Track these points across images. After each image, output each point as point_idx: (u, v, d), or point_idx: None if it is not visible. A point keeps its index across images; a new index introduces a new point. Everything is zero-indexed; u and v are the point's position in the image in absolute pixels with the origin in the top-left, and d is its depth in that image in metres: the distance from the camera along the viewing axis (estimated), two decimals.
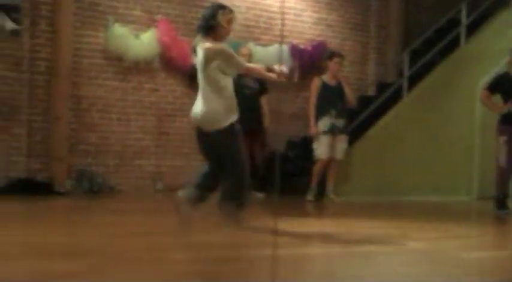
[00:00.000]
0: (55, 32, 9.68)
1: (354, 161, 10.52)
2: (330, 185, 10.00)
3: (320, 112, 9.93)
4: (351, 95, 10.19)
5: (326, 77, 10.14)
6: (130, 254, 5.04)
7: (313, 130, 9.97)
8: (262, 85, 10.34)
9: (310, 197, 9.85)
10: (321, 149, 9.92)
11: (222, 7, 6.52)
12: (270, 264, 4.03)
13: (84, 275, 4.25)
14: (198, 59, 6.37)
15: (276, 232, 4.30)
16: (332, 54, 10.37)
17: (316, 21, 12.03)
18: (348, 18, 12.43)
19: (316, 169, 9.94)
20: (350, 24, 12.48)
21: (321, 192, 9.98)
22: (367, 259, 5.21)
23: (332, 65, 10.11)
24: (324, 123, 9.91)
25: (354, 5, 12.47)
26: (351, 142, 10.55)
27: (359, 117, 11.02)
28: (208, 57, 6.26)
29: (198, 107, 6.39)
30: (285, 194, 9.18)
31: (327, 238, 6.64)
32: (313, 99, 10.01)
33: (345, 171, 10.33)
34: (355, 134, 10.73)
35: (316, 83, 10.11)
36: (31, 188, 9.21)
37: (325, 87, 10.03)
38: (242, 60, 6.64)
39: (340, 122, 9.98)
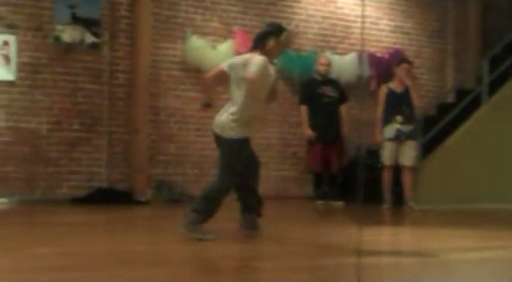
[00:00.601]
0: (134, 45, 9.80)
1: (432, 168, 10.35)
2: (408, 193, 9.86)
3: (386, 119, 9.86)
4: (417, 102, 9.99)
5: (393, 84, 10.05)
6: (214, 263, 5.06)
7: (378, 138, 9.89)
8: (342, 93, 10.34)
9: (386, 204, 9.76)
10: (385, 155, 9.86)
11: (275, 33, 6.53)
12: (356, 272, 3.98)
13: None
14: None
15: (360, 240, 4.25)
16: (400, 61, 10.32)
17: (393, 29, 11.94)
18: (425, 25, 12.29)
19: (384, 176, 9.85)
20: (427, 31, 12.34)
21: (398, 200, 9.85)
22: (452, 268, 5.13)
23: (399, 71, 10.02)
24: (390, 130, 9.83)
25: (431, 11, 12.32)
26: (430, 149, 10.42)
27: (438, 124, 10.84)
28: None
29: None
30: (364, 202, 9.09)
31: (409, 246, 6.56)
32: (380, 107, 9.95)
33: (424, 178, 10.18)
34: (434, 141, 10.57)
35: (383, 91, 10.05)
36: (112, 197, 9.32)
37: (391, 94, 9.95)
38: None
39: (407, 128, 9.84)
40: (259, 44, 6.43)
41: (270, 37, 6.44)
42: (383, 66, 11.40)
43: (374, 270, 4.78)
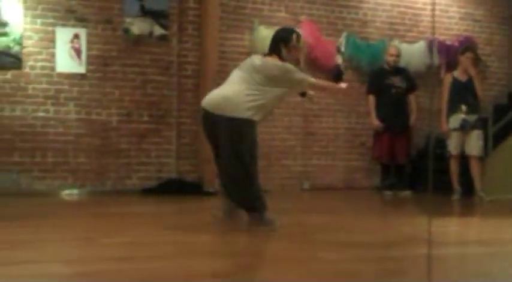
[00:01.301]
0: (202, 36, 9.85)
1: (503, 158, 10.13)
2: (477, 184, 9.70)
3: (451, 109, 9.71)
4: (480, 92, 9.81)
5: (457, 73, 9.88)
6: (281, 253, 5.07)
7: (444, 127, 9.75)
8: (411, 83, 10.25)
9: (455, 195, 9.63)
10: (451, 145, 9.72)
11: (284, 40, 6.40)
12: (426, 263, 3.92)
13: (235, 274, 4.29)
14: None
15: (430, 231, 4.20)
16: (465, 49, 10.11)
17: (462, 16, 11.76)
18: (495, 12, 12.07)
19: (451, 166, 9.73)
20: (498, 19, 12.12)
21: (468, 190, 9.71)
22: None
23: (463, 59, 9.84)
24: (454, 119, 9.68)
25: None
26: (500, 138, 10.23)
27: (509, 113, 10.63)
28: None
29: None
30: (433, 192, 8.98)
31: (479, 237, 6.46)
32: (445, 96, 9.78)
33: (495, 168, 9.99)
34: (504, 130, 10.37)
35: (447, 80, 9.89)
36: (181, 188, 9.41)
37: (455, 83, 9.78)
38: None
39: (472, 118, 9.67)
40: (273, 50, 6.42)
41: (281, 46, 6.37)
42: (452, 54, 11.21)
43: (443, 261, 4.73)
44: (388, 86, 10.18)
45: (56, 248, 5.19)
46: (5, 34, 8.96)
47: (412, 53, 10.98)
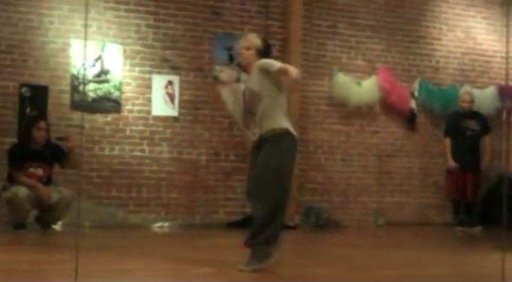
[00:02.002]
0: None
1: None
2: None
3: None
4: None
5: None
6: None
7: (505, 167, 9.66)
8: (485, 126, 10.09)
9: None
10: None
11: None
12: None
13: None
14: None
15: (504, 267, 4.06)
16: None
17: None
18: None
19: None
20: None
21: None
22: None
23: None
24: None
25: None
26: None
27: None
28: None
29: None
30: (508, 228, 8.76)
31: None
32: (511, 138, 9.61)
33: None
34: None
35: None
36: None
37: None
38: None
39: None
40: None
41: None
42: None
43: None
44: (464, 129, 10.02)
45: (149, 277, 5.20)
46: (106, 81, 9.15)
47: (483, 97, 10.79)
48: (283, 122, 5.39)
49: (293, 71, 5.05)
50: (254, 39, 5.62)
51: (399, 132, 10.66)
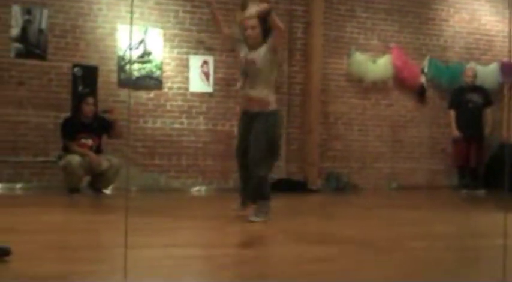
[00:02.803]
0: (307, 61, 9.85)
1: None
2: None
3: None
4: None
5: None
6: (376, 242, 4.99)
7: (506, 136, 9.74)
8: (487, 99, 10.04)
9: None
10: None
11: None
12: (502, 253, 3.80)
13: (335, 259, 4.25)
14: None
15: (506, 224, 4.06)
16: None
17: None
18: None
19: None
20: None
21: None
22: None
23: None
24: None
25: None
26: None
27: None
28: None
29: None
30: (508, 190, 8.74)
31: None
32: (511, 110, 9.57)
33: None
34: None
35: None
36: (289, 186, 9.39)
37: None
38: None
39: None
40: None
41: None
42: None
43: None
44: (467, 101, 9.97)
45: (189, 235, 5.28)
46: (149, 61, 9.19)
47: (486, 73, 10.68)
48: (270, 96, 5.87)
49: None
50: (255, 17, 5.82)
51: (410, 105, 10.60)
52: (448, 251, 4.71)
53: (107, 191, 8.26)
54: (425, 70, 10.56)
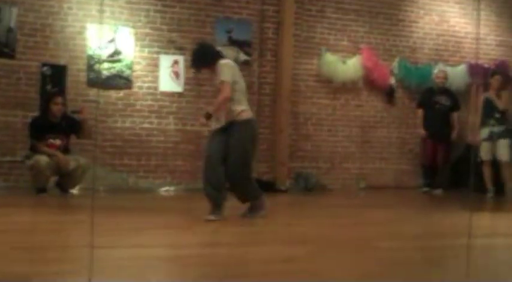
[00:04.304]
0: (278, 61, 9.89)
1: None
2: (507, 184, 9.58)
3: (482, 122, 9.70)
4: (506, 105, 9.82)
5: (489, 93, 9.84)
6: (343, 242, 5.04)
7: (471, 138, 9.86)
8: (455, 102, 10.21)
9: (489, 194, 9.49)
10: (482, 152, 9.63)
11: None
12: (466, 252, 3.86)
13: (302, 259, 4.28)
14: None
15: (471, 224, 4.13)
16: (493, 73, 10.18)
17: (499, 43, 11.48)
18: None
19: (484, 170, 9.65)
20: None
21: (500, 191, 9.55)
22: None
23: (492, 81, 9.86)
24: (484, 131, 9.65)
25: None
26: None
27: None
28: None
29: None
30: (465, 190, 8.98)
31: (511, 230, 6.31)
32: (478, 112, 9.78)
33: None
34: None
35: (480, 99, 9.91)
36: (258, 186, 9.37)
37: (487, 101, 9.76)
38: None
39: (499, 129, 9.62)
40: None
41: None
42: (488, 76, 11.00)
43: (481, 250, 4.63)
44: (434, 102, 10.12)
45: (156, 235, 5.28)
46: (119, 60, 9.15)
47: (455, 74, 10.81)
48: (241, 110, 6.10)
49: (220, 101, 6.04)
50: None
51: (380, 106, 10.68)
52: (414, 250, 4.77)
53: (74, 191, 8.22)
54: (395, 71, 10.66)
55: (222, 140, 6.06)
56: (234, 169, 6.02)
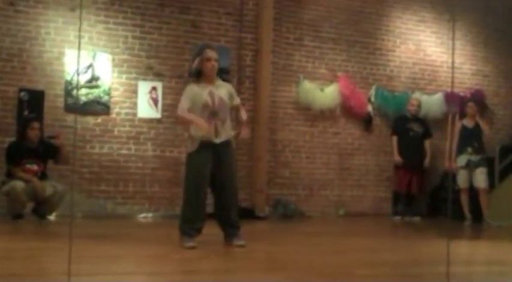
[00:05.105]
0: (256, 89, 9.91)
1: (508, 190, 9.98)
2: (485, 212, 9.61)
3: (459, 150, 9.75)
4: (487, 132, 9.95)
5: (466, 121, 9.94)
6: (323, 269, 5.00)
7: (448, 165, 9.87)
8: (427, 130, 10.36)
9: (467, 221, 9.54)
10: (460, 180, 9.70)
11: (199, 54, 6.06)
12: (445, 280, 3.85)
13: None
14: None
15: (448, 251, 4.12)
16: (468, 100, 10.31)
17: (474, 72, 11.63)
18: (501, 68, 11.90)
19: (461, 197, 9.71)
20: (504, 74, 11.93)
21: (477, 218, 9.58)
22: None
23: (467, 109, 9.96)
24: (462, 159, 9.71)
25: (508, 56, 11.89)
26: (506, 173, 10.17)
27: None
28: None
29: None
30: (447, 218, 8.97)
31: (489, 258, 6.31)
32: (455, 140, 9.83)
33: (501, 198, 9.85)
34: (510, 166, 10.44)
35: (457, 127, 9.96)
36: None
37: (464, 129, 9.85)
38: (181, 105, 6.01)
39: (476, 158, 9.68)
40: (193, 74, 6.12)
41: (195, 59, 6.07)
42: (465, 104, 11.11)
43: (460, 278, 4.62)
44: (408, 130, 10.28)
45: (134, 262, 5.21)
46: (97, 86, 9.11)
47: (431, 103, 10.93)
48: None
49: (245, 116, 6.31)
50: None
51: (357, 133, 10.73)
52: (394, 278, 4.75)
53: (51, 217, 8.12)
54: (372, 99, 10.73)
55: (210, 160, 5.92)
56: (236, 190, 6.07)
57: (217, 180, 5.98)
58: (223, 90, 6.09)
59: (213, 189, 6.05)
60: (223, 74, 9.72)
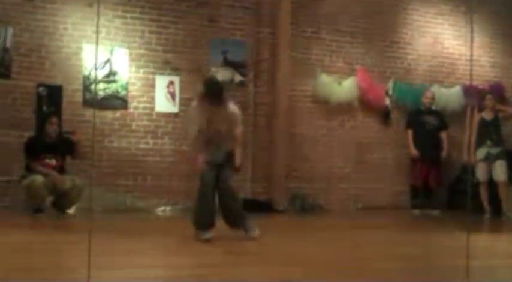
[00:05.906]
0: (274, 83, 9.88)
1: None
2: (504, 205, 9.54)
3: (478, 143, 9.68)
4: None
5: (484, 113, 9.87)
6: (340, 263, 5.00)
7: (467, 158, 9.83)
8: (443, 122, 10.26)
9: (486, 214, 9.48)
10: (479, 173, 9.62)
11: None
12: (465, 273, 3.83)
13: (300, 280, 4.24)
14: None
15: (468, 245, 4.09)
16: (485, 93, 10.23)
17: (492, 64, 11.53)
18: None
19: (480, 190, 9.64)
20: None
21: (497, 211, 9.52)
22: None
23: (486, 102, 9.89)
24: (481, 152, 9.63)
25: None
26: None
27: None
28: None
29: None
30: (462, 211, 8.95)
31: (509, 250, 6.28)
32: (473, 133, 9.77)
33: None
34: None
35: (476, 119, 9.91)
36: (255, 206, 9.34)
37: (483, 121, 9.79)
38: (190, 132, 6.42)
39: (496, 150, 9.61)
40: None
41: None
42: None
43: (480, 271, 4.60)
44: (423, 123, 10.19)
45: (153, 256, 5.23)
46: (114, 81, 9.14)
47: (450, 96, 10.86)
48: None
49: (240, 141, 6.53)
50: None
51: (375, 127, 10.68)
52: (413, 272, 4.73)
53: (71, 211, 8.16)
54: (390, 92, 10.67)
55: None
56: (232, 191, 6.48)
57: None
58: (224, 117, 6.30)
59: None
60: (239, 68, 9.78)
